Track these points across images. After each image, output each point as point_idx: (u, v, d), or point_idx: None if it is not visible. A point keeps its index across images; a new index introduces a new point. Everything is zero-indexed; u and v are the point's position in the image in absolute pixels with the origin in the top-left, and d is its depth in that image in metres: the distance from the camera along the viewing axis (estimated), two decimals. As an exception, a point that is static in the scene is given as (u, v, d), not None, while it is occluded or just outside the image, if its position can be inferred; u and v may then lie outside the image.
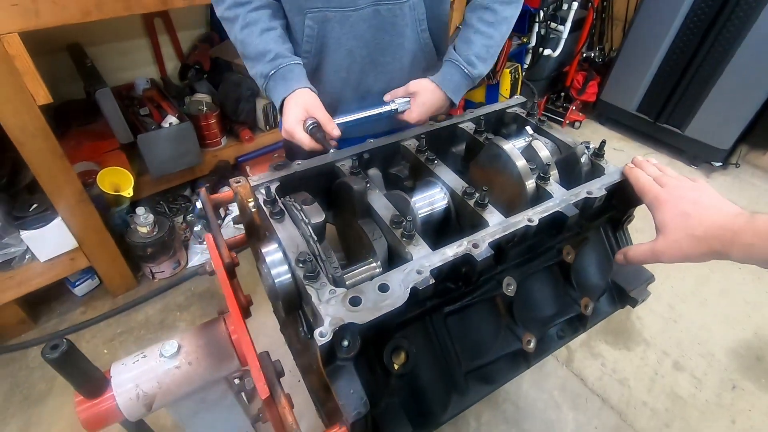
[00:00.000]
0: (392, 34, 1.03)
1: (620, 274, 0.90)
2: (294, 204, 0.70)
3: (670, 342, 2.11)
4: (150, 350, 0.71)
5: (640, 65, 3.20)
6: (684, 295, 2.33)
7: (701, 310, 2.27)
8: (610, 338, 2.12)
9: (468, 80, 1.04)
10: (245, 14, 0.96)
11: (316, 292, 0.61)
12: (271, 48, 0.95)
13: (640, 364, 2.02)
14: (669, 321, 2.21)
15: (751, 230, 0.56)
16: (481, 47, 1.02)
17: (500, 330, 0.79)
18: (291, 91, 0.93)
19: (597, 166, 0.86)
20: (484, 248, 0.66)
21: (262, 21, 0.96)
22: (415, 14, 1.02)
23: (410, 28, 1.04)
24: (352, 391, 0.56)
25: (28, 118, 1.51)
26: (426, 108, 1.01)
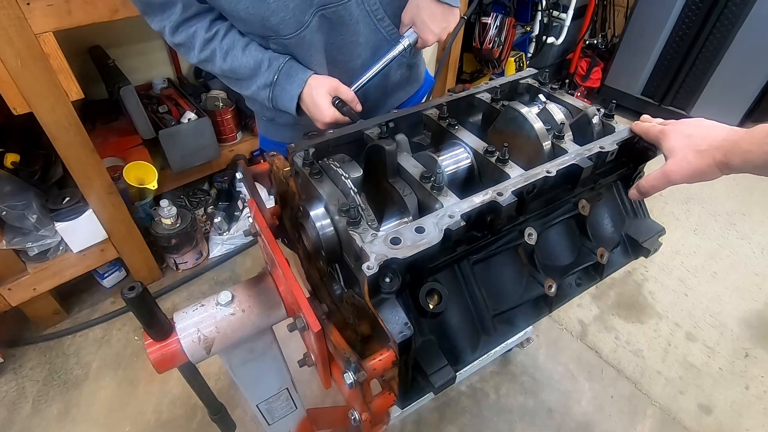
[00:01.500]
0: (344, 34, 1.01)
1: (633, 227, 0.96)
2: (333, 163, 0.77)
3: (682, 314, 2.16)
4: (207, 300, 0.78)
5: (644, 49, 3.25)
6: (694, 270, 2.38)
7: (712, 283, 2.31)
8: (622, 312, 2.18)
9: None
10: (219, 44, 0.96)
11: (360, 236, 0.68)
12: (261, 57, 0.96)
13: (653, 336, 2.07)
14: (680, 294, 2.26)
15: (748, 138, 0.61)
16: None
17: (523, 277, 0.85)
18: (303, 83, 0.95)
19: (608, 126, 0.93)
20: (508, 195, 0.73)
21: (239, 41, 0.97)
22: (365, 8, 1.00)
23: (363, 23, 1.01)
24: (397, 317, 0.63)
25: (62, 114, 1.60)
26: (432, 22, 0.98)
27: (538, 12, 3.24)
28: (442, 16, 1.00)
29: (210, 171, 2.51)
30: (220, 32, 0.97)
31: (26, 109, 1.52)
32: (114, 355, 1.97)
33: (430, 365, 0.71)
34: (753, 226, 2.63)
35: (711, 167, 0.67)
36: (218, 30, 0.97)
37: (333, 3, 0.95)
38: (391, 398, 0.71)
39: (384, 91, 1.18)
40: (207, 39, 0.96)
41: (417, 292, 0.73)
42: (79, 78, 2.25)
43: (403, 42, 1.02)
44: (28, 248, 1.80)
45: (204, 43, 0.96)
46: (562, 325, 2.12)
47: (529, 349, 2.00)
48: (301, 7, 0.92)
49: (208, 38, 0.96)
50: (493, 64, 3.14)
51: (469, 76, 3.43)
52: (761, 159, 0.58)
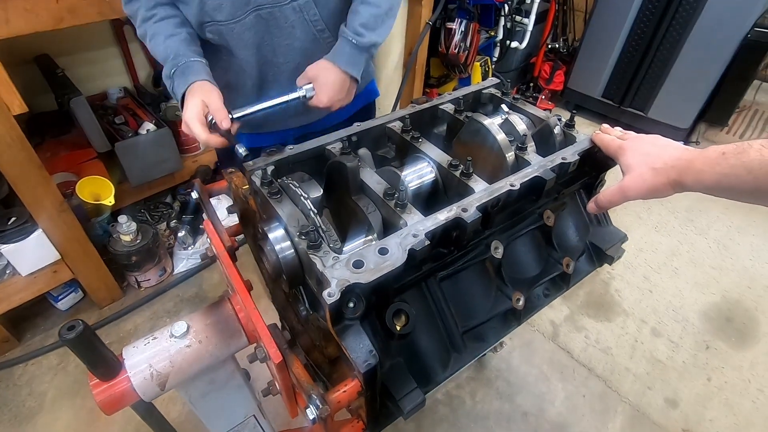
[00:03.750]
0: (279, 36, 1.04)
1: (597, 235, 0.97)
2: (291, 182, 0.73)
3: (647, 311, 2.22)
4: (160, 332, 0.73)
5: (603, 53, 3.35)
6: (657, 267, 2.46)
7: (673, 279, 2.39)
8: (591, 311, 2.22)
9: (358, 50, 1.03)
10: (151, 27, 1.00)
11: (320, 259, 0.65)
12: (171, 50, 0.97)
13: (621, 333, 2.12)
14: (645, 291, 2.32)
15: (701, 158, 0.62)
16: (368, 16, 1.02)
17: (491, 291, 0.84)
18: (188, 84, 0.94)
19: (569, 135, 0.93)
20: (472, 211, 0.72)
21: (167, 29, 0.99)
22: (303, 16, 1.03)
23: (300, 29, 1.05)
24: (362, 345, 0.60)
25: (4, 129, 1.50)
26: (329, 88, 1.00)
27: (502, 17, 3.29)
28: (341, 85, 1.03)
29: (172, 183, 2.41)
30: (157, 15, 1.00)
31: (-37, 124, 1.41)
32: (71, 383, 1.85)
33: (399, 389, 0.69)
34: (709, 222, 2.75)
35: (665, 185, 0.68)
36: (156, 13, 1.00)
37: (268, 4, 0.99)
38: (359, 426, 0.69)
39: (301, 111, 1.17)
40: (145, 17, 1.00)
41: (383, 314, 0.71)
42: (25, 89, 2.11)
43: (298, 92, 1.00)
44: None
45: (142, 20, 1.01)
46: (534, 327, 2.14)
47: (503, 353, 2.01)
48: (237, 1, 0.97)
49: (146, 17, 1.00)
50: (459, 69, 3.16)
51: (436, 81, 3.45)
52: (712, 180, 0.60)
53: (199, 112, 0.90)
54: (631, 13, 3.11)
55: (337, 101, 1.05)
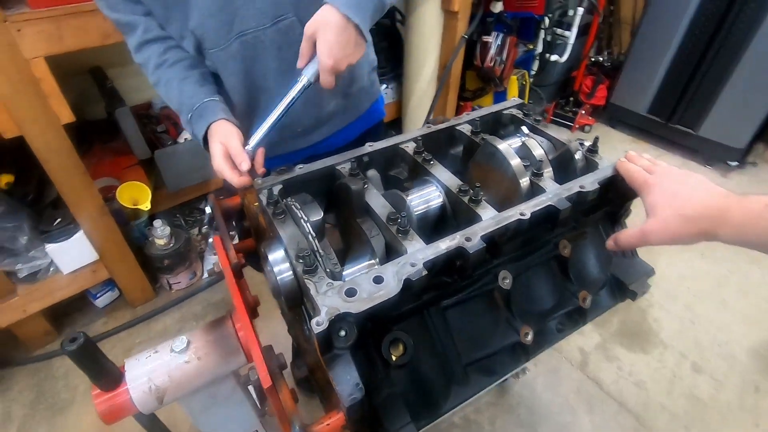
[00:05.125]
0: (267, 60, 1.01)
1: (620, 267, 0.91)
2: (294, 204, 0.74)
3: (689, 344, 2.07)
4: (162, 347, 0.75)
5: (650, 66, 3.19)
6: (702, 296, 2.29)
7: (720, 310, 2.22)
8: (625, 341, 2.09)
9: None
10: (164, 73, 0.99)
11: (314, 285, 0.64)
12: (185, 96, 0.98)
13: (658, 367, 1.98)
14: (686, 322, 2.16)
15: (740, 209, 0.55)
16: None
17: (499, 323, 0.80)
18: (206, 127, 0.94)
19: (591, 161, 0.88)
20: (476, 241, 0.69)
21: (179, 74, 0.99)
22: (290, 37, 0.98)
23: (288, 51, 1.00)
24: (349, 377, 0.59)
25: (53, 137, 1.61)
26: (329, 41, 0.79)
27: (542, 30, 3.21)
28: (344, 39, 0.81)
29: (207, 190, 2.50)
30: (168, 61, 0.99)
31: (16, 133, 1.53)
32: (102, 378, 1.94)
33: (392, 422, 0.67)
34: (765, 250, 2.53)
35: (693, 235, 0.61)
36: (168, 58, 0.99)
37: (251, 29, 0.96)
38: (349, 459, 0.67)
39: (317, 119, 1.15)
40: (157, 64, 0.99)
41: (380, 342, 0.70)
42: (80, 98, 2.28)
43: (301, 80, 0.85)
44: (18, 270, 1.79)
45: (154, 68, 1.00)
46: (561, 354, 2.04)
47: (526, 379, 1.93)
48: (220, 30, 0.95)
49: (158, 63, 0.99)
50: (495, 82, 3.10)
51: (471, 94, 3.40)
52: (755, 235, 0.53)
53: (223, 157, 0.88)
54: (682, 25, 2.95)
55: (342, 57, 0.82)
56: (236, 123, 0.97)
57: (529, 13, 2.86)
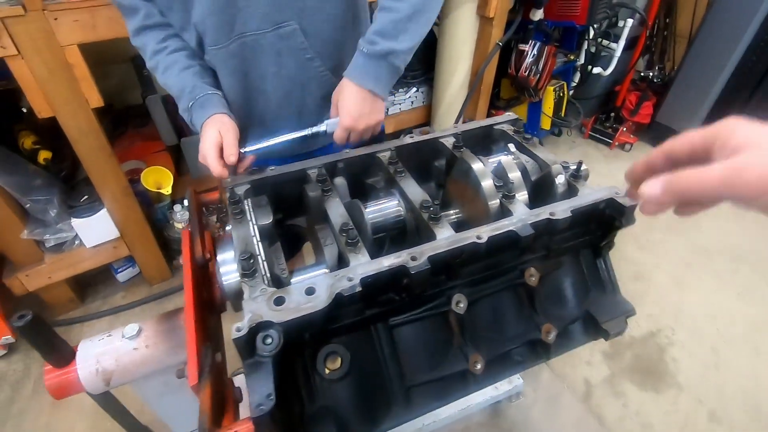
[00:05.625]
0: (266, 64, 1.02)
1: (596, 303, 0.84)
2: (248, 205, 0.74)
3: (708, 390, 1.90)
4: (116, 331, 0.78)
5: (703, 84, 2.96)
6: (732, 340, 2.10)
7: (752, 357, 2.03)
8: (637, 377, 1.96)
9: (374, 60, 0.93)
10: (163, 59, 1.02)
11: (249, 289, 0.64)
12: (188, 83, 1.00)
13: (670, 410, 1.84)
14: (710, 366, 1.99)
15: None
16: (385, 23, 0.93)
17: (450, 347, 0.77)
18: (207, 117, 0.97)
19: (573, 187, 0.83)
20: (422, 261, 0.66)
21: (180, 62, 1.01)
22: (290, 44, 1.01)
23: (288, 57, 1.02)
24: (262, 386, 0.58)
25: (83, 119, 1.71)
26: (346, 107, 0.94)
27: (585, 41, 3.06)
28: (360, 104, 0.95)
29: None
30: (169, 47, 1.02)
31: (50, 113, 1.64)
32: (112, 349, 2.05)
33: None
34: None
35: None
36: (168, 45, 1.02)
37: (251, 32, 0.98)
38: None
39: None
40: (156, 50, 1.02)
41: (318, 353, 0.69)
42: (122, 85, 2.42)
43: (320, 126, 0.97)
44: (46, 240, 1.93)
45: (153, 53, 1.03)
46: (564, 382, 1.94)
47: (523, 404, 1.85)
48: (221, 28, 0.97)
49: (157, 50, 1.02)
50: (529, 93, 3.00)
51: (505, 103, 3.31)
52: None
53: (214, 144, 0.91)
54: (743, 41, 2.72)
55: (359, 117, 0.95)
56: (236, 120, 1.00)
57: (570, 23, 2.74)
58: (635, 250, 2.55)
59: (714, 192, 0.39)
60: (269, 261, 0.68)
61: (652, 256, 2.52)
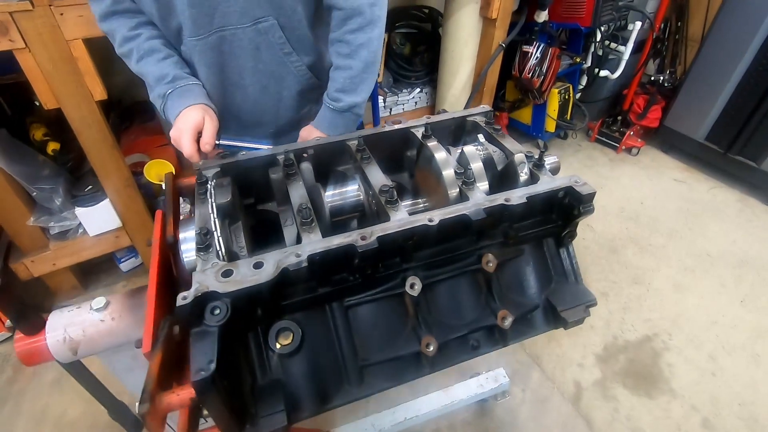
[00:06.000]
0: (244, 58, 1.05)
1: (557, 291, 0.84)
2: (210, 185, 0.77)
3: (703, 397, 1.86)
4: (85, 304, 0.81)
5: (712, 88, 2.91)
6: (732, 347, 2.05)
7: (750, 366, 1.97)
8: (629, 381, 1.93)
9: (339, 115, 1.08)
10: (138, 46, 1.02)
11: (202, 262, 0.67)
12: (168, 71, 1.02)
13: (661, 416, 1.81)
14: (706, 373, 1.95)
15: None
16: (342, 81, 1.06)
17: (405, 329, 0.78)
18: (187, 105, 0.99)
19: (535, 175, 0.83)
20: (370, 241, 0.68)
21: (159, 50, 1.03)
22: (268, 38, 1.04)
23: (266, 52, 1.05)
24: (205, 354, 0.60)
25: (87, 111, 1.78)
26: None
27: (592, 43, 3.04)
28: None
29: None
30: (142, 35, 1.03)
31: (55, 105, 1.71)
32: (111, 336, 2.11)
33: (263, 407, 0.68)
34: (822, 307, 2.22)
35: None
36: (141, 33, 1.04)
37: (230, 26, 1.00)
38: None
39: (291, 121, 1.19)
40: (127, 37, 1.03)
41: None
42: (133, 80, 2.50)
43: None
44: (51, 227, 2.01)
45: (124, 39, 1.04)
46: (554, 384, 1.92)
47: (510, 404, 1.84)
48: (199, 20, 0.99)
49: (129, 37, 1.03)
50: (533, 95, 2.99)
51: (510, 105, 3.30)
52: None
53: (194, 125, 0.96)
54: (753, 45, 2.66)
55: None
56: (217, 113, 1.03)
57: (574, 25, 2.73)
58: (635, 254, 2.51)
59: None
60: (225, 237, 0.71)
61: (652, 260, 2.48)
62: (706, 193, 3.00)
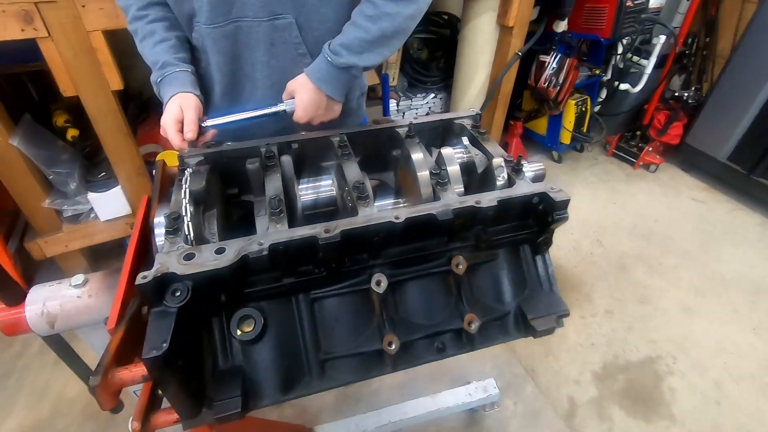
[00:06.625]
0: (257, 51, 1.05)
1: (530, 299, 0.83)
2: (187, 170, 0.79)
3: (705, 425, 1.79)
4: (65, 280, 0.84)
5: (737, 106, 2.81)
6: (740, 376, 1.96)
7: (758, 397, 1.89)
8: (627, 403, 1.87)
9: (334, 69, 1.00)
10: (142, 27, 1.05)
11: (168, 245, 0.68)
12: (160, 58, 1.03)
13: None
14: (710, 401, 1.87)
15: None
16: (352, 38, 0.99)
17: (369, 326, 0.78)
18: (173, 94, 1.01)
19: (512, 180, 0.82)
20: (333, 234, 0.68)
21: (157, 33, 1.04)
22: (285, 36, 1.04)
23: (281, 48, 1.05)
24: (160, 333, 0.61)
25: (103, 100, 1.85)
26: (304, 104, 1.02)
27: (613, 56, 2.98)
28: (317, 101, 1.04)
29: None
30: (149, 16, 1.06)
31: (73, 92, 1.79)
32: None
33: (219, 392, 0.69)
34: (842, 341, 2.10)
35: None
36: (149, 14, 1.06)
37: (248, 17, 1.00)
38: (173, 417, 0.70)
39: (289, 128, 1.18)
40: (136, 16, 1.06)
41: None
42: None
43: (279, 106, 1.04)
44: (64, 210, 2.09)
45: (133, 18, 1.07)
46: (548, 398, 1.88)
47: (500, 416, 1.81)
48: (218, 8, 0.99)
49: (138, 16, 1.06)
50: (548, 105, 2.95)
51: (526, 114, 3.26)
52: None
53: (175, 119, 0.98)
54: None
55: (316, 117, 1.06)
56: (200, 97, 1.06)
57: (594, 36, 2.68)
58: (644, 273, 2.44)
59: None
60: (196, 223, 0.73)
61: (662, 281, 2.40)
62: (726, 214, 2.89)
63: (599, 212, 2.89)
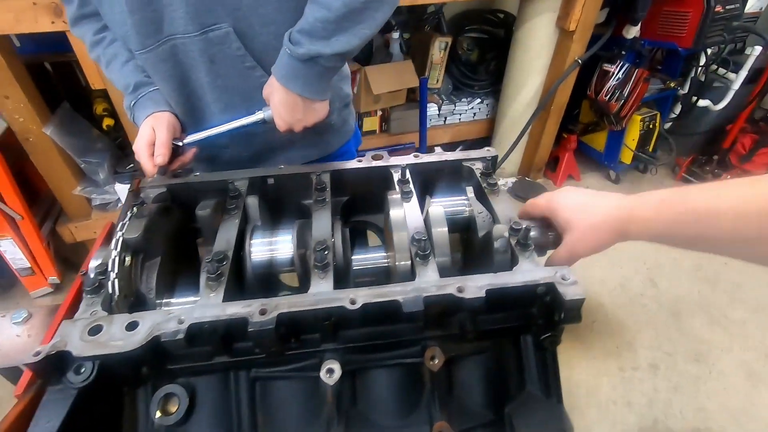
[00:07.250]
0: (200, 72, 0.90)
1: (524, 409, 0.65)
2: (131, 213, 0.69)
3: None
4: (11, 312, 0.78)
5: None
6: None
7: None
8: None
9: (297, 63, 0.81)
10: (103, 52, 0.96)
11: (84, 308, 0.59)
12: (130, 80, 0.94)
13: None
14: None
15: (643, 207, 0.61)
16: (312, 21, 0.78)
17: (318, 418, 0.65)
18: (146, 116, 0.92)
19: (515, 258, 0.65)
20: (267, 318, 0.55)
21: (120, 55, 0.95)
22: (224, 50, 0.87)
23: (223, 65, 0.89)
24: (50, 420, 0.52)
25: (130, 95, 1.83)
26: (277, 110, 0.87)
27: (693, 67, 2.59)
28: (291, 107, 0.86)
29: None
30: (106, 39, 0.96)
31: (101, 85, 1.79)
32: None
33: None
34: None
35: (612, 238, 0.65)
36: (106, 36, 0.96)
37: (179, 34, 0.85)
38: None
39: (268, 144, 1.05)
40: (94, 42, 0.97)
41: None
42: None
43: (257, 114, 0.90)
44: (93, 198, 2.13)
45: (91, 44, 0.98)
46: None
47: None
48: (143, 29, 0.85)
49: (95, 41, 0.97)
50: (609, 120, 2.62)
51: (582, 127, 2.95)
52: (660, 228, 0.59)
53: (146, 142, 0.88)
54: None
55: (295, 123, 0.89)
56: (176, 114, 0.96)
57: (672, 44, 2.33)
58: (704, 324, 2.11)
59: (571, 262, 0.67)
60: (124, 279, 0.62)
61: (724, 336, 2.06)
62: (817, 263, 2.44)
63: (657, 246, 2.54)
